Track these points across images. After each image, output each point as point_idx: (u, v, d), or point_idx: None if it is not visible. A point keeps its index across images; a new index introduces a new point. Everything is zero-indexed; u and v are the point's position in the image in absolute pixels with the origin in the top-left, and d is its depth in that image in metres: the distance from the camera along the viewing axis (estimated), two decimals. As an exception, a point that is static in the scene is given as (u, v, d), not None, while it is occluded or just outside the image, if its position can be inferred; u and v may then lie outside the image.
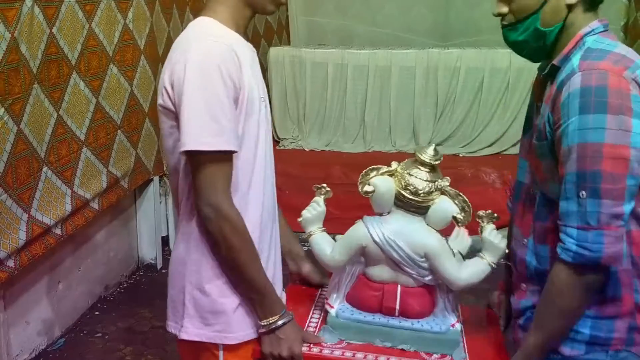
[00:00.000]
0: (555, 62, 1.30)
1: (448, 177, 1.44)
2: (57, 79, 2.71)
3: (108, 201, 3.18)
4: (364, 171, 1.46)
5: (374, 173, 1.45)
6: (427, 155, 1.41)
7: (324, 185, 1.54)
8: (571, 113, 1.19)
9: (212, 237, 1.37)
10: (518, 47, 1.36)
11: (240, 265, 1.37)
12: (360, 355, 1.41)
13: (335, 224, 1.65)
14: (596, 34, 1.28)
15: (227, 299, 1.41)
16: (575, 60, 1.24)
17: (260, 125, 1.43)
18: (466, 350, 1.45)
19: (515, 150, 4.77)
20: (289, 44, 5.81)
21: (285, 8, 5.99)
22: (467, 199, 1.41)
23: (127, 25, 3.27)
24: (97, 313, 3.34)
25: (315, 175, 3.77)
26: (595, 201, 1.17)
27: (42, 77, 2.59)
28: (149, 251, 3.91)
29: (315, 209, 1.52)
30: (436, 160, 1.41)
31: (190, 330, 1.44)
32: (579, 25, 1.29)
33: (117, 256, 3.63)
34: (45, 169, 2.63)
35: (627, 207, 1.18)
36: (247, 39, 1.47)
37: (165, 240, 3.99)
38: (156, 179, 3.79)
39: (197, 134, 1.29)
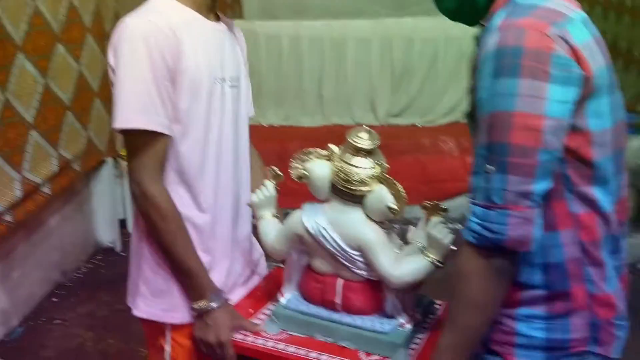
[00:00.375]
0: (484, 22, 1.14)
1: (386, 165, 1.29)
2: (2, 59, 2.60)
3: (60, 185, 3.08)
4: (300, 153, 1.35)
5: (311, 156, 1.34)
6: (360, 140, 1.27)
7: (274, 167, 1.46)
8: (484, 78, 1.04)
9: (141, 217, 1.36)
10: (451, 14, 1.21)
11: (166, 247, 1.35)
12: (292, 349, 1.32)
13: (293, 199, 1.61)
14: None
15: (174, 279, 1.40)
16: (499, 18, 1.07)
17: (213, 107, 1.38)
18: (412, 354, 1.29)
19: (472, 118, 4.85)
20: (242, 18, 5.69)
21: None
22: (401, 188, 1.26)
23: (72, 2, 3.15)
24: (55, 300, 3.27)
25: (274, 150, 3.74)
26: (502, 177, 1.02)
27: None
28: (106, 234, 3.83)
29: (263, 194, 1.44)
30: (370, 145, 1.27)
31: (141, 307, 1.45)
32: None
33: (74, 241, 3.54)
34: None
35: (537, 186, 1.02)
36: (216, 18, 1.43)
37: (123, 223, 3.91)
38: (110, 160, 3.69)
39: (123, 112, 1.28)
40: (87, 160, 3.38)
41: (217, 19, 1.45)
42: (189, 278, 1.37)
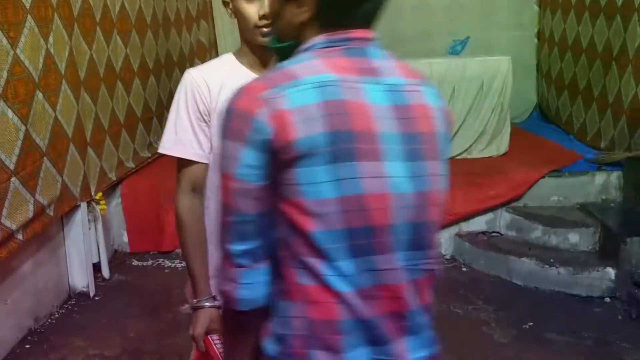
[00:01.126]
0: None
1: None
2: None
3: (33, 230, 3.09)
4: None
5: None
6: None
7: None
8: None
9: None
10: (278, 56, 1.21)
11: (182, 251, 1.71)
12: None
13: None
14: (316, 49, 1.06)
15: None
16: None
17: None
18: None
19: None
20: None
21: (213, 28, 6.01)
22: None
23: (49, 49, 3.22)
24: (27, 346, 3.23)
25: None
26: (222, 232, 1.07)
27: None
28: (80, 279, 3.81)
29: None
30: None
31: None
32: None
33: (47, 286, 3.52)
34: None
35: (234, 247, 1.04)
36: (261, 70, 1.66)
37: (97, 267, 3.91)
38: (84, 204, 3.70)
39: (163, 140, 1.69)
40: (61, 205, 3.40)
41: None
42: (192, 279, 1.70)
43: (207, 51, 5.92)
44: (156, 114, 4.87)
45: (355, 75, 1.04)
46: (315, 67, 1.03)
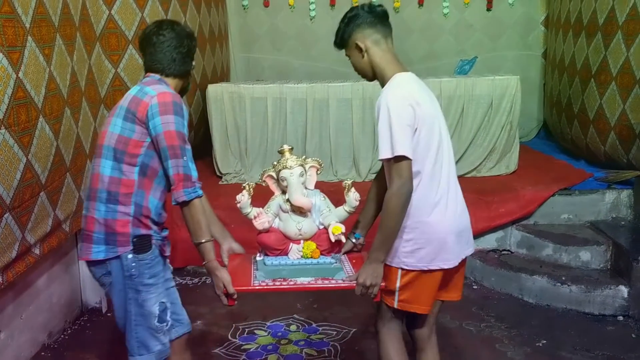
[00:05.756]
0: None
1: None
2: (26, 123, 2.74)
3: (50, 245, 3.11)
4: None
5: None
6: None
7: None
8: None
9: None
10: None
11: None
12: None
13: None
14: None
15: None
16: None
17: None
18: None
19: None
20: (228, 81, 5.88)
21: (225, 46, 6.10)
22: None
23: (74, 67, 3.30)
24: (41, 362, 3.24)
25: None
26: None
27: (11, 121, 2.62)
28: (92, 295, 3.83)
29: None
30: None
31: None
32: None
33: (60, 301, 3.54)
34: (7, 215, 2.63)
35: None
36: None
37: (109, 282, 3.91)
38: (98, 220, 3.72)
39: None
40: (76, 220, 3.43)
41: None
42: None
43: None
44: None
45: None
46: None
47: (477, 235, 4.34)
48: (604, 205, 4.49)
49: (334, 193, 2.65)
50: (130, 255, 2.14)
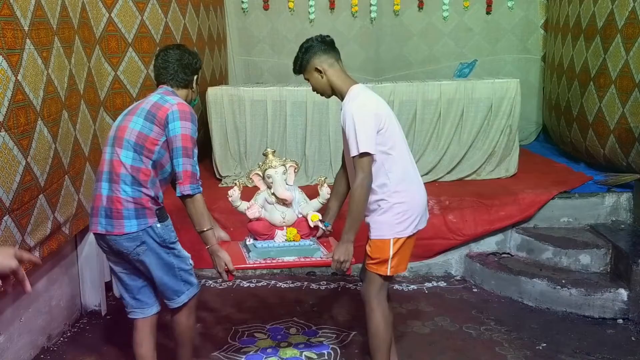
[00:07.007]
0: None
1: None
2: (25, 126, 2.75)
3: (49, 248, 3.11)
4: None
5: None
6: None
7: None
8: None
9: None
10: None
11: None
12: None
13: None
14: None
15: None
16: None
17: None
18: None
19: (451, 177, 5.00)
20: (227, 84, 5.88)
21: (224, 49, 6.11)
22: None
23: (72, 70, 3.30)
24: (40, 365, 3.23)
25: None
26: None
27: (11, 124, 2.63)
28: (92, 297, 3.82)
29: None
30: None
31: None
32: None
33: (60, 304, 3.53)
34: (6, 217, 2.62)
35: None
36: None
37: (108, 286, 3.91)
38: (98, 223, 3.72)
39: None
40: (76, 223, 3.42)
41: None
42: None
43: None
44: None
45: None
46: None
47: (477, 238, 4.36)
48: (604, 209, 4.49)
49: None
50: (158, 225, 2.59)
